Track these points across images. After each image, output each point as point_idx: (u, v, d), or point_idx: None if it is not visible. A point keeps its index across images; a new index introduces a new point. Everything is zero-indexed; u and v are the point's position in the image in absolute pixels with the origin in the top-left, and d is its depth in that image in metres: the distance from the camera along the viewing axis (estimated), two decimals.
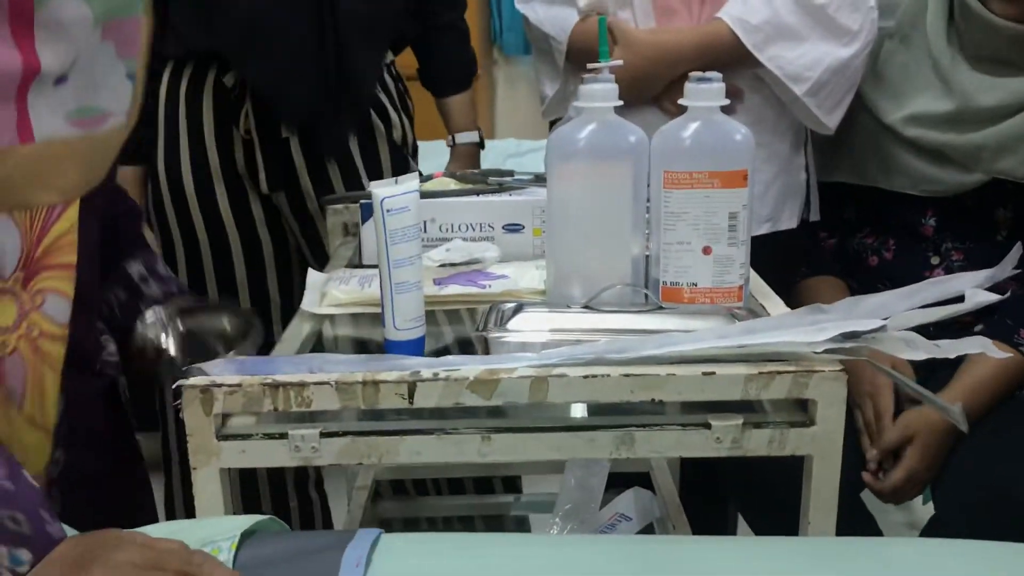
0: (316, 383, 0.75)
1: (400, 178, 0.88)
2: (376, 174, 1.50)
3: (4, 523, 0.62)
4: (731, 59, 1.30)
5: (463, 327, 1.02)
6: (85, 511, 0.80)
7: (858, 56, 1.35)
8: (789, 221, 1.46)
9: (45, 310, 0.80)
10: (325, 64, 1.41)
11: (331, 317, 1.03)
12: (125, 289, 1.03)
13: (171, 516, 1.58)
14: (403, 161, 1.55)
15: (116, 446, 1.01)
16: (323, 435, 0.77)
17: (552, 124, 1.74)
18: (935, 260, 1.42)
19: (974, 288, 0.83)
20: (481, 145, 1.72)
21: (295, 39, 1.40)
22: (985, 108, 1.33)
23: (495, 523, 1.62)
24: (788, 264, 1.51)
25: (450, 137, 1.71)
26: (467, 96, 1.71)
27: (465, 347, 0.95)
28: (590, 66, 0.95)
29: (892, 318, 0.80)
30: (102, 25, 0.79)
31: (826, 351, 0.77)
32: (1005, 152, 1.34)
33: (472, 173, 1.32)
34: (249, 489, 1.62)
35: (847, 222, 1.52)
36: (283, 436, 0.77)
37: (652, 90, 1.38)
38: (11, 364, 0.79)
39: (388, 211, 0.86)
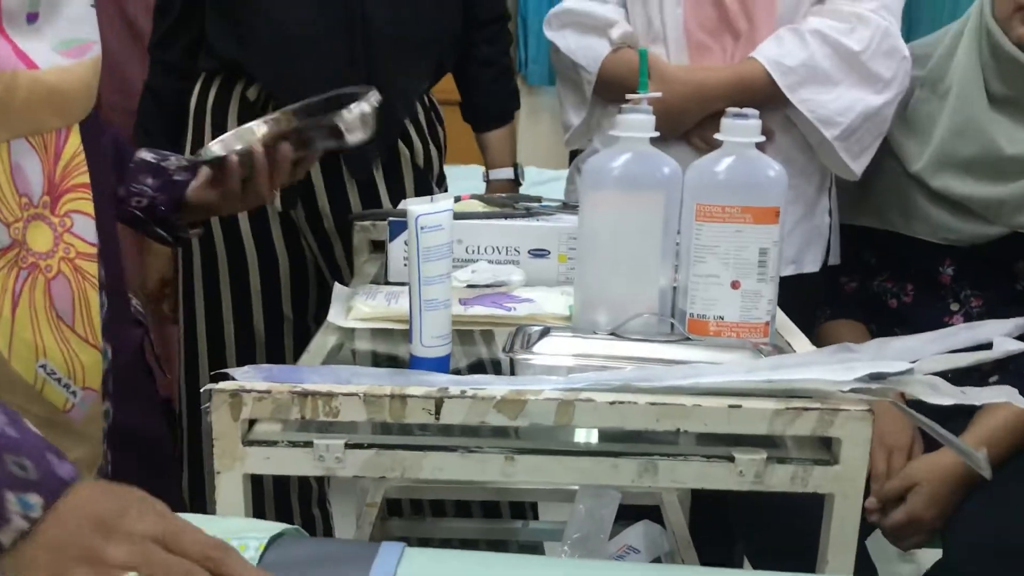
0: (345, 394, 0.76)
1: (435, 196, 0.89)
2: (397, 198, 1.51)
3: (10, 469, 0.59)
4: (764, 99, 1.31)
5: (483, 348, 1.03)
6: (131, 471, 0.81)
7: (890, 104, 1.37)
8: (812, 264, 1.46)
9: (75, 231, 0.84)
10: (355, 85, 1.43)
11: (354, 331, 1.03)
12: (149, 173, 1.11)
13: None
14: (426, 187, 1.56)
15: (152, 409, 1.04)
16: (348, 446, 0.77)
17: (573, 154, 1.75)
18: (955, 307, 1.42)
19: (1003, 336, 0.83)
20: (517, 182, 1.73)
21: (326, 56, 1.41)
22: (1008, 158, 1.34)
23: (502, 548, 1.62)
24: (810, 307, 1.51)
25: (485, 172, 1.72)
26: (505, 132, 1.70)
27: (484, 368, 0.96)
28: (629, 97, 0.96)
29: (920, 361, 0.80)
30: None
31: (852, 390, 0.77)
32: None
33: (500, 197, 1.33)
34: (253, 502, 1.61)
35: (868, 265, 1.52)
36: (308, 445, 0.77)
37: (684, 125, 1.39)
38: (58, 286, 0.82)
39: (422, 228, 0.86)
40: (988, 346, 0.83)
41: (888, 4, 1.35)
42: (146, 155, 1.14)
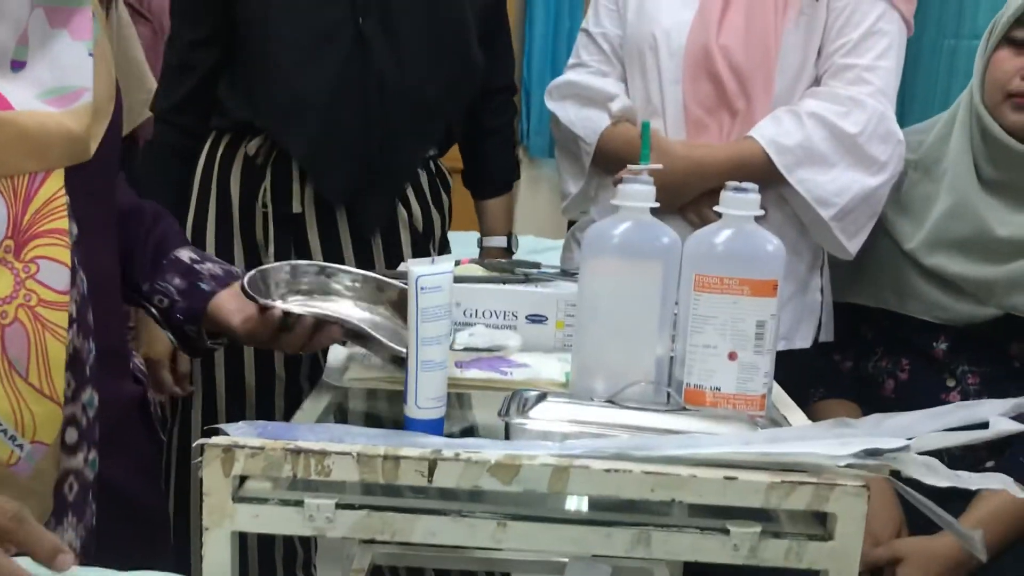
0: (338, 452, 0.75)
1: (437, 258, 0.89)
2: (394, 261, 1.52)
3: None
4: (760, 177, 1.33)
5: (477, 413, 1.02)
6: (117, 525, 0.79)
7: (885, 186, 1.39)
8: (803, 341, 1.47)
9: (41, 278, 0.82)
10: (367, 147, 1.44)
11: (347, 392, 1.03)
12: (179, 274, 1.05)
13: None
14: (424, 252, 1.57)
15: (148, 467, 1.01)
16: (339, 506, 0.76)
17: (571, 223, 1.77)
18: (951, 383, 1.42)
19: (999, 416, 0.83)
20: (510, 251, 1.74)
21: (340, 117, 1.43)
22: (1000, 240, 1.36)
23: None
24: (800, 384, 1.51)
25: (480, 238, 1.73)
26: (504, 201, 1.71)
27: (477, 432, 0.95)
28: (631, 167, 0.98)
29: (916, 439, 0.80)
30: (44, 10, 0.83)
31: (848, 466, 0.77)
32: (1018, 289, 1.36)
33: (499, 262, 1.34)
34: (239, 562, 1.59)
35: (863, 343, 1.53)
36: (299, 504, 0.76)
37: (681, 200, 1.41)
38: (12, 333, 0.80)
39: (422, 289, 0.87)
40: (984, 425, 0.83)
41: (883, 89, 1.38)
42: (183, 254, 1.07)
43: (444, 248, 1.64)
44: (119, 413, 0.92)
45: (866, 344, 1.52)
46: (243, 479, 0.78)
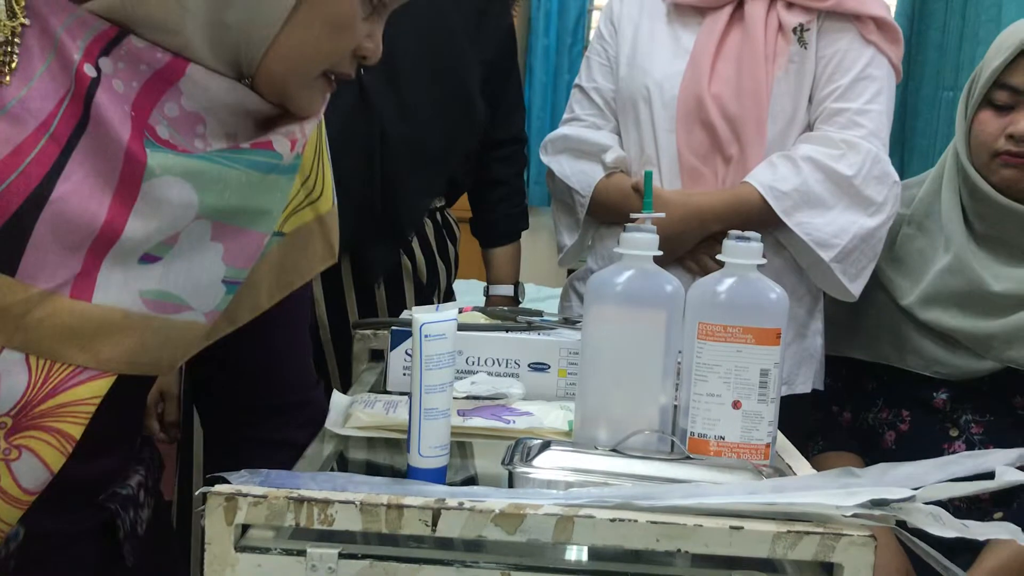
0: (341, 501, 0.75)
1: (441, 305, 0.90)
2: (396, 310, 1.52)
3: None
4: (758, 222, 1.34)
5: (480, 461, 1.02)
6: None
7: (883, 227, 1.40)
8: (804, 386, 1.47)
9: (15, 468, 0.77)
10: (370, 196, 1.45)
11: (347, 440, 1.02)
12: None
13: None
14: (427, 302, 1.57)
15: None
16: (342, 556, 0.75)
17: (570, 272, 1.78)
18: (954, 432, 1.42)
19: (1005, 466, 0.82)
20: (516, 299, 1.74)
21: (343, 167, 1.44)
22: (996, 294, 1.37)
23: None
24: (801, 430, 1.51)
25: (486, 286, 1.74)
26: (511, 249, 1.73)
27: (479, 482, 0.95)
28: (633, 216, 0.99)
29: (922, 489, 0.79)
30: (212, 224, 0.81)
31: (854, 515, 0.76)
32: (1016, 342, 1.36)
33: (502, 310, 1.34)
34: None
35: (861, 395, 1.53)
36: (301, 553, 0.75)
37: (680, 249, 1.42)
38: None
39: (426, 336, 0.87)
40: (991, 475, 0.82)
41: (876, 131, 1.40)
42: None
43: (449, 299, 1.65)
44: (60, 544, 0.88)
45: (866, 396, 1.52)
46: (245, 528, 0.78)
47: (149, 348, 0.81)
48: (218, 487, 0.75)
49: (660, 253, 0.95)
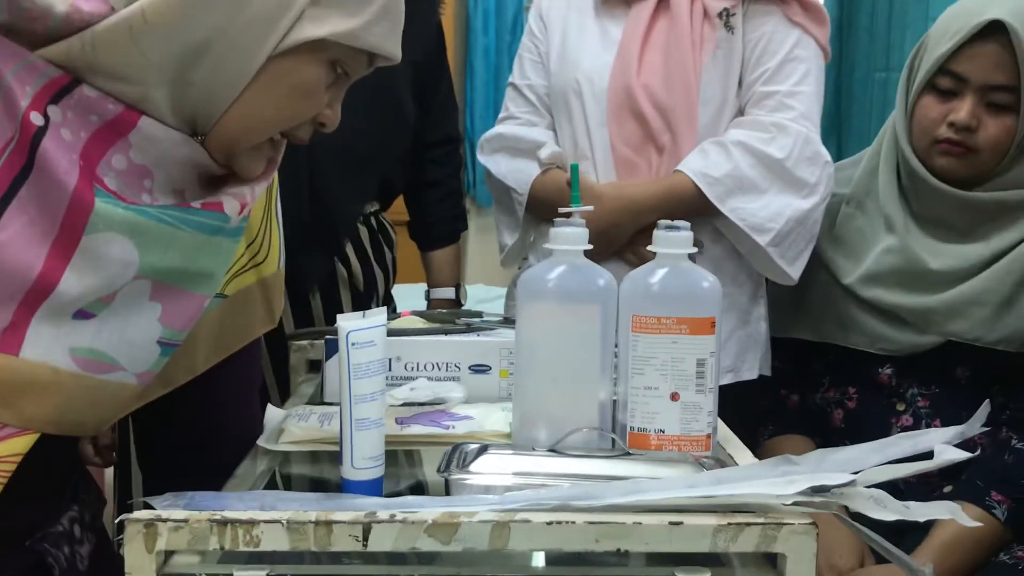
0: (266, 521, 0.72)
1: (368, 312, 0.87)
2: (333, 320, 1.49)
3: None
4: (693, 210, 1.33)
5: (424, 469, 0.99)
6: None
7: (817, 208, 1.40)
8: (750, 372, 1.46)
9: None
10: (298, 204, 1.42)
11: (288, 455, 0.99)
12: None
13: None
14: (365, 308, 1.54)
15: None
16: None
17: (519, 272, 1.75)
18: (900, 407, 1.42)
19: (943, 445, 0.82)
20: (458, 302, 1.71)
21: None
22: (935, 272, 1.37)
23: None
24: (750, 416, 1.50)
25: (427, 290, 1.71)
26: (450, 252, 1.70)
27: (424, 490, 0.92)
28: (561, 210, 0.97)
29: (861, 473, 0.78)
30: (152, 284, 0.79)
31: (795, 503, 0.75)
32: (956, 316, 1.37)
33: (440, 313, 1.32)
34: None
35: (807, 376, 1.53)
36: None
37: (617, 242, 1.41)
38: None
39: (353, 344, 0.84)
40: (930, 455, 0.82)
41: (806, 113, 1.40)
42: None
43: (388, 304, 1.62)
44: None
45: (812, 377, 1.52)
46: (170, 554, 0.74)
47: (76, 407, 0.80)
48: (136, 513, 0.72)
49: (590, 247, 0.93)
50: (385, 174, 1.55)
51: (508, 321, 1.25)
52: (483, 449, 0.88)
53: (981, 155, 1.36)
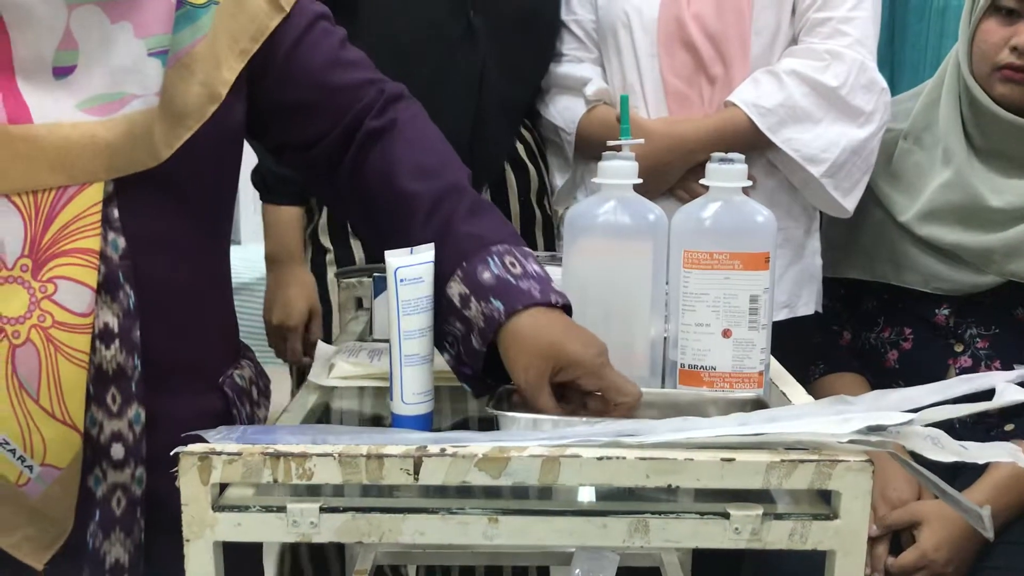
0: (319, 454, 0.72)
1: (415, 248, 0.86)
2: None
3: None
4: (746, 144, 1.30)
5: (472, 405, 0.99)
6: (168, 541, 0.76)
7: (873, 137, 1.36)
8: (806, 307, 1.44)
9: (58, 299, 0.79)
10: (472, 134, 1.42)
11: (338, 390, 1.00)
12: (458, 320, 0.85)
13: None
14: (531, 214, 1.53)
15: None
16: (323, 510, 0.73)
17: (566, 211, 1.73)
18: (959, 348, 1.39)
19: (1005, 384, 0.80)
20: None
21: (455, 126, 1.33)
22: (995, 209, 1.33)
23: None
24: (806, 352, 1.48)
25: None
26: None
27: (470, 426, 0.92)
28: (610, 143, 0.95)
29: (919, 412, 0.76)
30: (100, 7, 0.78)
31: (850, 442, 0.74)
32: (1016, 256, 1.33)
33: None
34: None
35: (861, 315, 1.50)
36: (281, 509, 0.73)
37: (669, 180, 1.38)
38: (23, 354, 0.78)
39: (402, 281, 0.84)
40: (990, 396, 0.80)
41: (862, 39, 1.35)
42: (452, 291, 0.86)
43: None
44: (183, 429, 0.88)
45: (866, 316, 1.49)
46: (224, 487, 0.76)
47: (120, 148, 0.80)
48: (191, 446, 0.73)
49: (640, 181, 0.91)
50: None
51: (555, 258, 1.24)
52: None
53: None
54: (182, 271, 0.89)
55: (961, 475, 1.27)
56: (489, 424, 0.85)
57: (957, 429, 1.26)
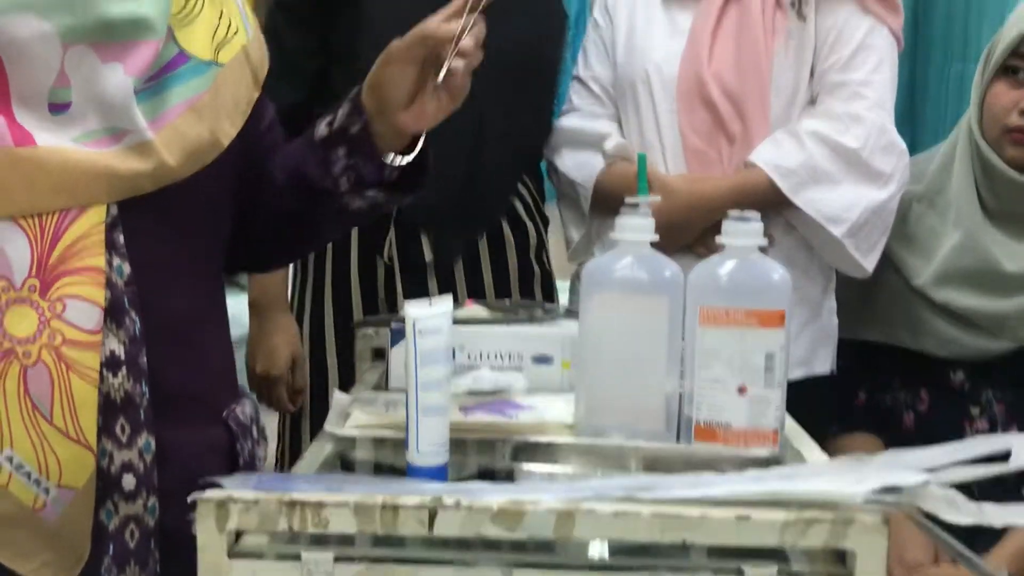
0: (335, 504, 0.73)
1: (434, 299, 0.87)
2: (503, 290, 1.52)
3: None
4: (766, 203, 1.31)
5: (486, 458, 0.99)
6: (183, 574, 0.76)
7: (893, 198, 1.37)
8: (822, 366, 1.44)
9: (67, 317, 0.80)
10: (469, 183, 1.44)
11: (353, 440, 1.00)
12: (340, 144, 0.97)
13: None
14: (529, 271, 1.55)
15: None
16: (337, 559, 0.73)
17: (581, 266, 1.74)
18: (975, 411, 1.39)
19: (1022, 446, 0.79)
20: None
21: (451, 173, 1.39)
22: (1009, 275, 1.34)
23: None
24: (822, 412, 1.48)
25: None
26: None
27: (488, 478, 0.92)
28: (628, 200, 0.96)
29: (935, 473, 0.76)
30: (91, 47, 0.80)
31: (866, 502, 0.74)
32: None
33: (504, 303, 1.32)
34: None
35: (876, 375, 1.50)
36: (296, 558, 0.74)
37: (687, 237, 1.39)
38: (35, 374, 0.79)
39: (420, 332, 0.85)
40: (1007, 458, 0.79)
41: (880, 102, 1.37)
42: (322, 129, 0.98)
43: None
44: (192, 461, 0.89)
45: (880, 377, 1.49)
46: (240, 534, 0.76)
47: (116, 175, 0.82)
48: (208, 493, 0.73)
49: (656, 238, 0.92)
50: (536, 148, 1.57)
51: (571, 313, 1.24)
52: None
53: None
54: (184, 298, 0.91)
55: (978, 539, 1.26)
56: (502, 477, 0.85)
57: (975, 493, 1.25)
